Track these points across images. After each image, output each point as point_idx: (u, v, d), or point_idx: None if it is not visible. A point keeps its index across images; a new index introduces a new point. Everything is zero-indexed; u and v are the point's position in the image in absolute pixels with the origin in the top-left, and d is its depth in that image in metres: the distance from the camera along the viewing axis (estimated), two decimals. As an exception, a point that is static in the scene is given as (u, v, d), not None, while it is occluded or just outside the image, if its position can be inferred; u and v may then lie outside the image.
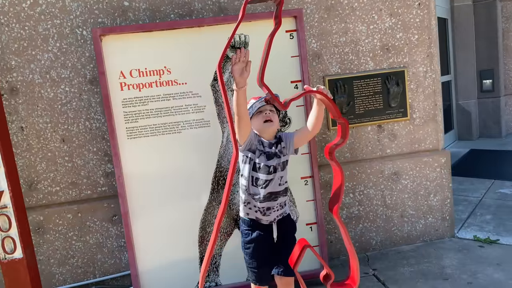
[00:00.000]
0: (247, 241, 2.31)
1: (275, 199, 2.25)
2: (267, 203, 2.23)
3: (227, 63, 2.86)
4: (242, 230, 2.34)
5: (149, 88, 2.83)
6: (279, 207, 2.28)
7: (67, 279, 3.27)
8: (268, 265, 2.29)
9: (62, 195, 3.20)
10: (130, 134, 2.84)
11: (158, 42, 2.82)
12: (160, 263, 2.95)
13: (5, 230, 2.61)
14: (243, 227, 2.34)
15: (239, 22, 1.83)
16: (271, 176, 2.22)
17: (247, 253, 2.32)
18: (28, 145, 3.12)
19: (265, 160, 2.22)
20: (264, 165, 2.21)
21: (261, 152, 2.23)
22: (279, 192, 2.26)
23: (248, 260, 2.33)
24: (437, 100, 3.54)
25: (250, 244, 2.30)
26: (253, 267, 2.30)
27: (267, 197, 2.22)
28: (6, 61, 3.04)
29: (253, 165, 2.23)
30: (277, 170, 2.23)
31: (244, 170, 2.25)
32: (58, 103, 3.12)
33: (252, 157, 2.23)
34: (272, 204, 2.24)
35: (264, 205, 2.23)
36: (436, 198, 3.60)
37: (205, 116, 2.90)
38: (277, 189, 2.24)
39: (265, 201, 2.22)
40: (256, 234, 2.28)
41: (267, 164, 2.21)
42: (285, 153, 2.27)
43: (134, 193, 2.87)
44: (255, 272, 2.30)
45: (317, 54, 3.34)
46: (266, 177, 2.21)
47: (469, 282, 2.90)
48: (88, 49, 3.11)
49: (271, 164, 2.22)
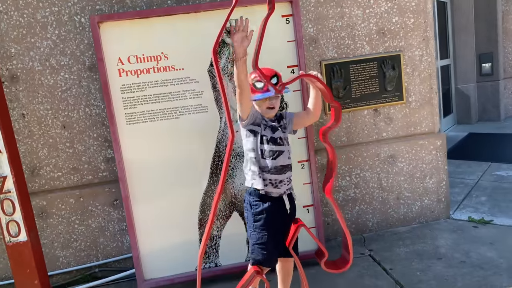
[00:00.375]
0: (258, 212, 2.20)
1: (285, 172, 2.25)
2: (279, 176, 2.22)
3: (223, 48, 2.90)
4: (251, 201, 2.24)
5: (147, 74, 2.87)
6: (288, 181, 2.29)
7: (70, 262, 3.35)
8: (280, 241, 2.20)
9: (64, 180, 3.27)
10: (129, 120, 2.89)
11: (155, 28, 2.86)
12: (161, 245, 3.02)
13: (9, 214, 2.69)
14: (252, 198, 2.24)
15: (233, 7, 1.87)
16: (280, 147, 2.22)
17: (257, 226, 2.20)
18: (29, 132, 3.18)
19: (271, 132, 2.23)
20: (271, 137, 2.22)
21: (266, 126, 2.24)
22: (288, 166, 2.27)
23: (257, 236, 2.20)
24: (432, 84, 3.57)
25: (261, 215, 2.20)
26: (262, 243, 2.18)
27: (279, 169, 2.22)
28: (6, 49, 3.07)
29: (260, 138, 2.22)
30: (284, 143, 2.25)
31: (247, 144, 2.25)
32: (58, 90, 3.17)
33: (258, 130, 2.22)
34: (282, 177, 2.24)
35: (276, 177, 2.21)
36: (432, 180, 3.66)
37: (203, 101, 2.94)
38: (287, 162, 2.25)
39: (276, 174, 2.21)
40: (268, 204, 2.20)
41: (273, 136, 2.23)
42: (288, 129, 2.32)
43: (134, 177, 2.94)
44: (264, 249, 2.17)
45: (314, 38, 3.37)
46: (276, 148, 2.21)
47: (462, 261, 2.97)
48: (86, 36, 3.14)
49: (278, 136, 2.23)
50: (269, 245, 2.19)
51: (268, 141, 2.21)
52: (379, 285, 2.79)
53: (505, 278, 2.69)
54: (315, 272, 3.00)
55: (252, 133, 2.23)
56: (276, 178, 2.21)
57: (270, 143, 2.21)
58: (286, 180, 2.27)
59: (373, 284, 2.81)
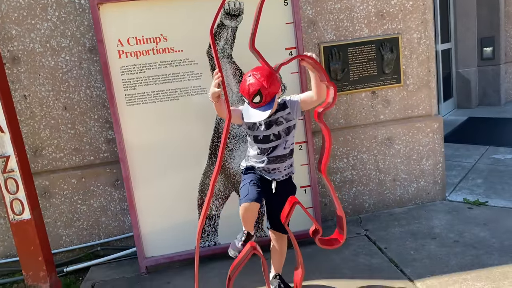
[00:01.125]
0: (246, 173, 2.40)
1: (281, 162, 2.38)
2: (273, 165, 2.37)
3: (222, 30, 2.92)
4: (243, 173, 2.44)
5: (146, 55, 2.90)
6: (286, 168, 2.42)
7: (73, 240, 3.44)
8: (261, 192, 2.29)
9: (66, 160, 3.33)
10: (129, 101, 2.93)
11: (154, 10, 2.88)
12: (162, 225, 3.09)
13: (13, 192, 2.75)
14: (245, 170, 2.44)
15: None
16: (273, 143, 2.34)
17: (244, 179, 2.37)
18: (31, 113, 3.23)
19: (265, 131, 2.33)
20: (264, 136, 2.34)
21: (259, 125, 2.33)
22: (285, 155, 2.39)
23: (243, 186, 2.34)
24: (430, 67, 3.59)
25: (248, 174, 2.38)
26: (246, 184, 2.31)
27: (272, 160, 2.36)
28: (6, 30, 3.10)
29: (254, 138, 2.37)
30: (280, 136, 2.34)
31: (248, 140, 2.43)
32: (59, 71, 3.21)
33: (250, 133, 2.37)
34: (278, 165, 2.38)
35: (269, 166, 2.37)
36: (428, 162, 3.71)
37: (202, 83, 2.98)
38: (282, 153, 2.37)
39: (271, 163, 2.36)
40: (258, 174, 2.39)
41: (266, 134, 2.33)
42: (289, 119, 2.37)
43: (135, 158, 2.99)
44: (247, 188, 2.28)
45: (312, 21, 3.38)
46: (269, 145, 2.35)
47: (455, 241, 3.04)
48: (86, 18, 3.16)
49: (271, 133, 2.33)
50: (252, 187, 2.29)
51: (260, 140, 2.34)
52: (373, 263, 2.87)
53: (496, 257, 2.76)
54: (312, 251, 3.07)
55: (248, 133, 2.38)
56: (268, 167, 2.37)
57: (262, 143, 2.34)
58: (284, 167, 2.39)
59: (367, 262, 2.88)
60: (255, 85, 2.14)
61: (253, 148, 2.38)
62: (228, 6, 2.88)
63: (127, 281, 3.05)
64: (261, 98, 2.14)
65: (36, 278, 2.85)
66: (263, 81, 2.12)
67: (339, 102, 3.51)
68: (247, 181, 2.33)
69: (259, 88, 2.13)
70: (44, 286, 2.86)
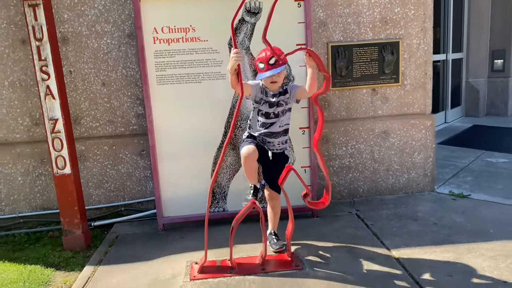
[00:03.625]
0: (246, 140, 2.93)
1: (276, 137, 2.90)
2: (268, 138, 2.90)
3: (242, 25, 3.39)
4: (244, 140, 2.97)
5: (176, 43, 3.39)
6: (280, 144, 2.94)
7: (101, 200, 3.96)
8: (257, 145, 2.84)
9: (101, 130, 3.85)
10: (159, 81, 3.43)
11: (186, 4, 3.36)
12: (179, 190, 3.57)
13: (58, 150, 3.29)
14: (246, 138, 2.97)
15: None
16: (271, 120, 2.86)
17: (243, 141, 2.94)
18: (74, 86, 3.76)
19: (267, 107, 2.84)
20: (266, 112, 2.85)
21: (264, 101, 2.83)
22: (279, 132, 2.91)
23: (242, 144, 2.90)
24: (427, 70, 4.00)
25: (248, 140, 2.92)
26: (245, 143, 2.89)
27: (268, 135, 2.89)
28: (60, 14, 3.63)
29: (258, 111, 2.87)
30: (278, 116, 2.85)
31: (251, 114, 2.94)
32: (100, 52, 3.73)
33: (256, 106, 2.86)
34: (272, 140, 2.90)
35: (265, 138, 2.90)
36: (420, 156, 4.12)
37: (222, 69, 3.46)
38: (277, 130, 2.89)
39: (267, 137, 2.89)
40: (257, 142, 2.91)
41: (268, 111, 2.85)
42: (288, 102, 2.86)
43: (161, 130, 3.48)
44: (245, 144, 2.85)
45: (323, 22, 3.83)
46: (268, 121, 2.86)
47: (434, 223, 3.46)
48: (127, 8, 3.67)
49: (271, 111, 2.84)
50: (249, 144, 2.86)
51: (263, 114, 2.87)
52: (358, 234, 3.31)
53: (465, 237, 3.17)
54: (306, 223, 3.53)
55: (253, 106, 2.90)
56: (264, 139, 2.89)
57: (264, 117, 2.86)
58: (277, 143, 2.91)
59: (353, 233, 3.32)
60: (270, 52, 2.66)
61: (254, 121, 2.89)
62: (249, 5, 3.36)
63: (146, 235, 3.55)
64: (275, 61, 2.66)
65: (71, 224, 3.38)
66: (276, 50, 2.63)
67: (342, 95, 3.95)
68: (246, 142, 2.88)
69: (273, 54, 2.66)
70: (77, 232, 3.40)
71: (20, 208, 3.90)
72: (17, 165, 3.83)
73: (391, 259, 2.90)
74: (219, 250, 3.07)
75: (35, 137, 3.80)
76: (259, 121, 2.88)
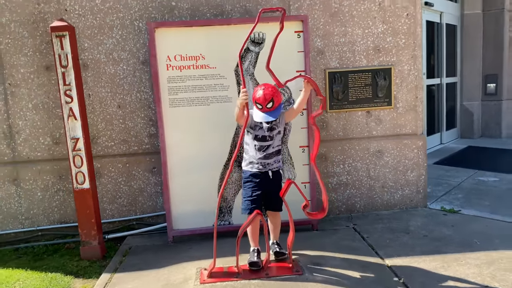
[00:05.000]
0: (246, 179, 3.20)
1: (270, 158, 3.19)
2: (265, 160, 3.17)
3: (247, 53, 3.74)
4: (243, 178, 3.25)
5: (187, 69, 3.73)
6: (275, 162, 3.23)
7: (114, 214, 4.23)
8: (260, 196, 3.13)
9: (116, 149, 4.16)
10: (171, 104, 3.76)
11: (197, 35, 3.72)
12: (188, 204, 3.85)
13: (78, 167, 3.59)
14: (244, 176, 3.24)
15: (255, 25, 2.72)
16: (267, 143, 3.16)
17: (246, 186, 3.19)
18: (92, 108, 4.08)
19: (263, 132, 3.15)
20: (262, 136, 3.15)
21: (260, 127, 3.15)
22: (273, 153, 3.20)
23: (245, 192, 3.19)
24: (418, 94, 4.33)
25: (248, 179, 3.19)
26: (249, 196, 3.15)
27: (262, 158, 3.17)
28: (81, 43, 3.99)
29: (254, 136, 3.17)
30: (273, 138, 3.17)
31: (247, 139, 3.22)
32: (117, 78, 4.07)
33: (252, 132, 3.17)
34: (268, 161, 3.18)
35: (263, 161, 3.17)
36: (413, 174, 4.41)
37: (229, 93, 3.79)
38: (270, 151, 3.19)
39: (263, 159, 3.16)
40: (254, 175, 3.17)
41: (264, 135, 3.15)
42: (278, 126, 3.18)
43: (172, 149, 3.79)
44: (249, 199, 3.14)
45: (321, 51, 4.18)
46: (263, 143, 3.16)
47: (424, 235, 3.72)
48: (142, 37, 4.03)
49: (267, 135, 3.15)
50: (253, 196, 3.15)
51: (259, 139, 3.16)
52: (354, 245, 3.57)
53: (453, 247, 3.43)
54: (306, 235, 3.80)
55: (248, 132, 3.18)
56: (263, 162, 3.17)
57: (260, 141, 3.15)
58: (273, 162, 3.20)
59: (350, 244, 3.58)
60: (269, 95, 2.96)
61: (251, 146, 3.17)
62: (253, 36, 3.71)
63: (157, 246, 3.81)
64: (273, 104, 2.94)
65: (88, 236, 3.66)
66: (274, 92, 2.92)
67: (339, 117, 4.27)
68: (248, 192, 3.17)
69: (272, 96, 2.94)
70: (93, 243, 3.67)
71: (39, 221, 4.18)
72: (37, 181, 4.13)
73: (384, 267, 3.16)
74: (225, 259, 3.32)
75: (55, 155, 4.11)
76: (256, 145, 3.16)
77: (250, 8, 4.05)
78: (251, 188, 3.16)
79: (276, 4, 4.08)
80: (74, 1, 3.94)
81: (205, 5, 4.02)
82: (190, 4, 4.01)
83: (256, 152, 3.16)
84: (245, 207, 3.19)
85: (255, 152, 3.16)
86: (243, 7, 4.05)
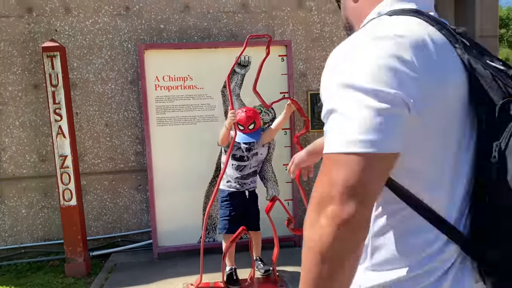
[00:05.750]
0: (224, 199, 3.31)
1: (247, 178, 3.35)
2: (242, 180, 3.32)
3: (234, 75, 3.90)
4: (220, 197, 3.36)
5: (175, 89, 3.86)
6: (251, 183, 3.40)
7: (99, 231, 4.26)
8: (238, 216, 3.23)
9: (102, 166, 4.22)
10: (159, 123, 3.86)
11: (184, 57, 3.87)
12: (173, 221, 3.93)
13: (65, 184, 3.64)
14: (221, 195, 3.34)
15: (243, 50, 2.88)
16: (244, 163, 3.32)
17: (223, 206, 3.31)
18: (80, 126, 4.15)
19: (241, 152, 3.30)
20: (240, 156, 3.31)
21: (238, 147, 3.29)
22: (250, 174, 3.37)
23: (223, 212, 3.30)
24: (394, 115, 4.55)
25: (226, 199, 3.31)
26: (226, 216, 3.27)
27: (240, 178, 3.32)
28: (70, 63, 4.07)
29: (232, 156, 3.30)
30: (249, 159, 3.32)
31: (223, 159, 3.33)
32: (105, 96, 4.16)
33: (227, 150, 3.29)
34: (245, 181, 3.34)
35: (240, 180, 3.32)
36: (390, 192, 4.59)
37: (215, 113, 3.93)
38: (248, 171, 3.35)
39: (240, 179, 3.32)
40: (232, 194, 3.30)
41: (242, 155, 3.30)
42: (255, 148, 3.33)
43: (158, 166, 3.88)
44: (227, 219, 3.26)
45: (303, 73, 4.38)
46: (241, 163, 3.31)
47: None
48: (130, 58, 4.15)
49: (245, 155, 3.30)
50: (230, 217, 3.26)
51: (237, 159, 3.31)
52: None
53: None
54: (291, 250, 3.91)
55: (226, 152, 3.31)
56: (240, 181, 3.31)
57: (238, 161, 3.31)
58: (249, 182, 3.35)
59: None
60: (251, 117, 3.16)
61: (229, 166, 3.28)
62: (240, 59, 3.87)
63: (142, 263, 3.86)
64: (254, 126, 3.12)
65: (74, 253, 3.68)
66: (256, 115, 3.13)
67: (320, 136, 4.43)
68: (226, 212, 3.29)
69: (254, 119, 3.13)
70: (79, 260, 3.69)
71: (22, 239, 4.17)
72: (22, 198, 4.14)
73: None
74: (211, 275, 3.39)
75: (41, 173, 4.14)
76: (233, 165, 3.31)
77: (236, 32, 4.22)
78: (229, 208, 3.29)
79: (261, 29, 4.27)
80: (64, 22, 4.04)
81: (193, 28, 4.18)
82: (178, 27, 4.16)
83: (234, 171, 3.30)
84: (222, 226, 3.31)
85: (233, 172, 3.30)
86: (229, 31, 4.23)
